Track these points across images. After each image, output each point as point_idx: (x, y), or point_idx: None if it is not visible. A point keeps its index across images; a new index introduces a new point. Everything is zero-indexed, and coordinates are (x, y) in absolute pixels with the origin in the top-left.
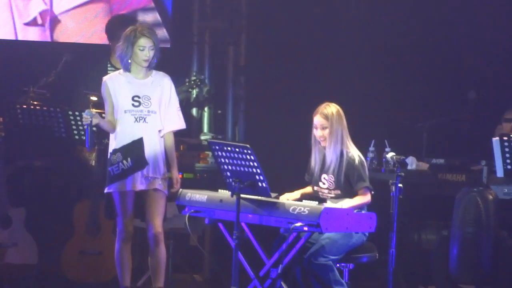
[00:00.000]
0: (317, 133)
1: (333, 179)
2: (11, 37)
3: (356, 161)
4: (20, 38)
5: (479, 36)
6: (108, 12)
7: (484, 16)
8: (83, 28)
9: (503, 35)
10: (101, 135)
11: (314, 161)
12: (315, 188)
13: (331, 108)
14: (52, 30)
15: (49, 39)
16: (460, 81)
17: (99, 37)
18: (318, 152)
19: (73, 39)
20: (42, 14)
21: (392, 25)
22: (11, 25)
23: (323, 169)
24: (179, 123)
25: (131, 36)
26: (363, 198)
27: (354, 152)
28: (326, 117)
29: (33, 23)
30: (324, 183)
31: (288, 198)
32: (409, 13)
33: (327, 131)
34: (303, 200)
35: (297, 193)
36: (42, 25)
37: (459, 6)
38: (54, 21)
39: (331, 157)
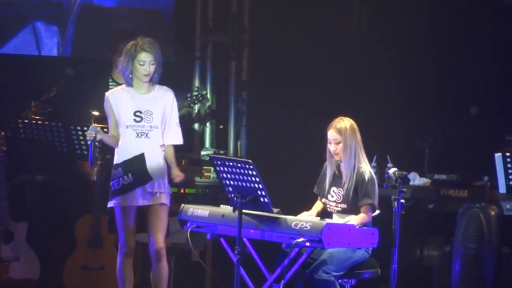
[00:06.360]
0: (331, 147)
1: (342, 193)
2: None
3: (367, 177)
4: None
5: (481, 51)
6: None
7: (487, 32)
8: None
9: (504, 51)
10: (104, 150)
11: (326, 173)
12: (323, 200)
13: (345, 123)
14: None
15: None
16: (462, 97)
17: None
18: (331, 165)
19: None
20: None
21: (393, 39)
22: None
23: (334, 182)
24: (177, 139)
25: (131, 50)
26: (363, 217)
27: (366, 168)
28: (339, 131)
29: None
30: (332, 196)
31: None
32: (411, 27)
33: (340, 145)
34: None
35: (313, 211)
36: None
37: (462, 21)
38: None
39: (344, 171)
